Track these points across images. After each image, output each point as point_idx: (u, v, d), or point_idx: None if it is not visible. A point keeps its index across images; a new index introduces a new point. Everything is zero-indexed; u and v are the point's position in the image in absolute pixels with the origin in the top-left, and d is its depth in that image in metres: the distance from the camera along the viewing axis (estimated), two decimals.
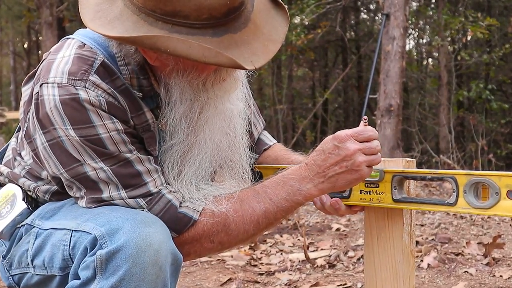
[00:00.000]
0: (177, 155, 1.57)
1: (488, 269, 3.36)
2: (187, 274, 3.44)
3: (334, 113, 18.67)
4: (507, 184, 1.43)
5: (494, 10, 15.05)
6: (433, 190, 6.62)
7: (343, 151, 1.47)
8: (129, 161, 1.49)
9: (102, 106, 1.46)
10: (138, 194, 1.49)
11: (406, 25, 8.56)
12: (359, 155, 1.48)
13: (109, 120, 1.47)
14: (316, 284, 3.15)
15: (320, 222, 4.80)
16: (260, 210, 1.51)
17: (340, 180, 1.50)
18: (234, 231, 1.51)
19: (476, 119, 11.96)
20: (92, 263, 1.38)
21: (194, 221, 1.50)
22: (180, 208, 1.50)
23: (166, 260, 1.39)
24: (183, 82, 1.50)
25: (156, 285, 1.37)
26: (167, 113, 1.55)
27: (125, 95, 1.51)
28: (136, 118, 1.53)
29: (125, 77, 1.52)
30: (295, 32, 12.15)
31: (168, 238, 1.41)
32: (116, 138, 1.47)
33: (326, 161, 1.49)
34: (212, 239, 1.51)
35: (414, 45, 18.60)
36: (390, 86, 8.25)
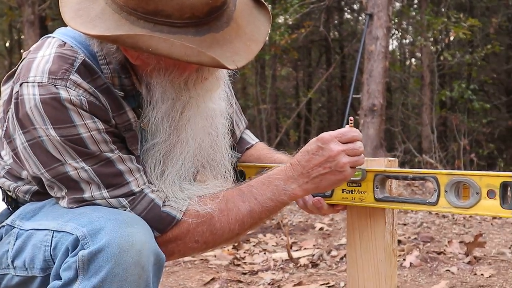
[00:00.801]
0: (160, 155, 1.56)
1: (470, 267, 3.39)
2: (170, 274, 3.43)
3: (317, 112, 18.71)
4: (488, 184, 1.44)
5: (476, 11, 15.17)
6: (416, 190, 6.66)
7: (326, 152, 1.48)
8: (111, 160, 1.47)
9: (83, 106, 1.45)
10: (120, 193, 1.48)
11: (389, 25, 8.60)
12: (343, 156, 1.48)
13: (90, 120, 1.45)
14: (299, 284, 3.16)
15: (303, 222, 4.81)
16: (246, 209, 1.51)
17: (324, 181, 1.50)
18: (219, 230, 1.51)
19: (458, 119, 12.04)
20: (74, 263, 1.37)
21: (178, 221, 1.50)
22: (163, 207, 1.50)
23: (149, 260, 1.38)
24: (165, 81, 1.49)
25: (139, 285, 1.37)
26: (149, 113, 1.54)
27: (106, 94, 1.50)
28: (118, 117, 1.52)
29: (106, 76, 1.51)
30: (279, 32, 12.16)
31: (150, 238, 1.40)
32: (97, 137, 1.46)
33: (310, 161, 1.49)
34: (196, 239, 1.50)
35: (397, 45, 18.69)
36: (373, 86, 8.29)
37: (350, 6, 18.52)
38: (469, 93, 12.15)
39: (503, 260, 3.53)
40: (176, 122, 1.54)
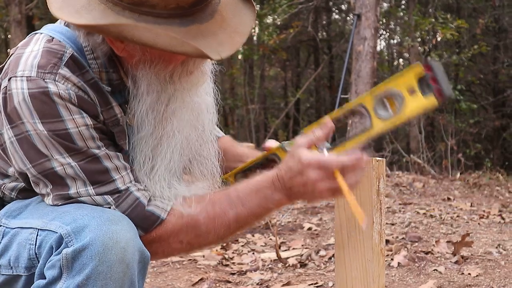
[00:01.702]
0: (148, 149, 1.55)
1: (457, 267, 3.40)
2: (159, 274, 3.42)
3: (306, 112, 18.75)
4: (405, 83, 1.43)
5: (463, 12, 15.26)
6: (404, 190, 6.69)
7: (305, 177, 1.45)
8: (97, 157, 1.47)
9: (71, 100, 1.44)
10: (105, 190, 1.47)
11: (377, 26, 8.63)
12: (321, 183, 1.45)
13: (78, 115, 1.44)
14: (288, 283, 3.16)
15: (292, 222, 4.82)
16: (232, 214, 1.51)
17: (307, 197, 1.50)
18: (204, 233, 1.50)
19: (446, 119, 12.11)
20: (58, 262, 1.36)
21: (162, 220, 1.49)
22: (148, 206, 1.49)
23: (133, 258, 1.37)
24: (150, 73, 1.49)
25: (123, 283, 1.36)
26: (135, 106, 1.53)
27: (94, 89, 1.49)
28: (106, 113, 1.52)
29: (94, 70, 1.51)
30: (267, 32, 12.17)
31: (135, 236, 1.40)
32: (85, 133, 1.45)
33: (292, 179, 1.48)
34: (181, 240, 1.50)
35: (385, 45, 18.77)
36: (361, 86, 8.31)
37: (338, 7, 18.57)
38: (456, 93, 12.21)
39: (490, 259, 3.56)
40: (161, 114, 1.53)
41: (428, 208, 5.35)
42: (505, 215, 5.15)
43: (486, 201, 6.22)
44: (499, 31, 14.91)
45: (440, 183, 7.49)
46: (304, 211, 5.24)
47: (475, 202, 6.03)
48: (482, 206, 5.78)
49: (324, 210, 5.27)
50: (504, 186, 7.53)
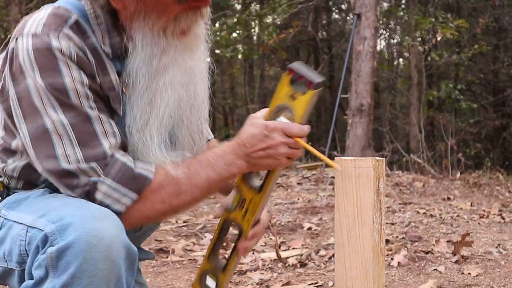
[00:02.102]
0: (144, 104, 1.58)
1: (457, 267, 3.40)
2: (159, 274, 3.42)
3: None
4: (284, 94, 1.55)
5: (463, 11, 15.26)
6: (404, 189, 6.69)
7: (269, 141, 1.54)
8: (89, 117, 1.48)
9: (71, 57, 1.48)
10: (92, 154, 1.47)
11: (377, 25, 8.63)
12: (283, 147, 1.55)
13: (76, 72, 1.48)
14: (288, 283, 3.16)
15: (292, 222, 4.81)
16: (204, 176, 1.55)
17: (261, 163, 1.57)
18: (183, 193, 1.53)
19: (446, 119, 12.12)
20: (43, 261, 1.36)
21: (150, 181, 1.50)
22: (136, 169, 1.50)
23: (119, 255, 1.37)
24: (144, 26, 1.55)
25: (109, 280, 1.35)
26: (130, 62, 1.58)
27: (94, 54, 1.54)
28: (102, 77, 1.55)
29: (97, 36, 1.56)
30: (267, 32, 12.18)
31: (120, 232, 1.39)
32: (81, 91, 1.48)
33: (254, 146, 1.55)
34: (163, 199, 1.52)
35: (385, 45, 18.77)
36: (361, 86, 8.32)
37: (338, 6, 18.57)
38: (456, 93, 12.23)
39: (490, 259, 3.56)
40: (154, 68, 1.58)
41: (428, 208, 5.35)
42: (505, 215, 5.15)
43: (486, 201, 6.23)
44: (499, 30, 14.92)
45: (440, 182, 7.49)
46: (304, 211, 5.24)
47: (475, 201, 6.03)
48: (482, 206, 5.78)
49: (324, 210, 5.27)
50: (504, 186, 7.53)
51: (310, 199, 5.90)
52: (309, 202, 5.71)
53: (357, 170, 1.67)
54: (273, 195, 6.24)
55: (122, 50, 1.59)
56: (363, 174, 1.66)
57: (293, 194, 6.32)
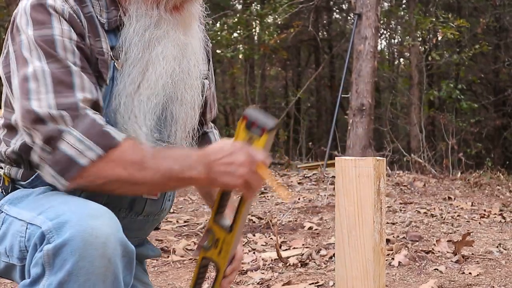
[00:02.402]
0: (136, 73, 1.61)
1: (458, 266, 3.41)
2: (159, 274, 3.42)
3: (307, 112, 18.74)
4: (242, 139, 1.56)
5: (464, 11, 15.26)
6: (404, 189, 6.69)
7: (234, 157, 1.51)
8: (70, 70, 1.50)
9: (64, 14, 1.54)
10: (64, 102, 1.47)
11: (377, 25, 8.63)
12: (244, 168, 1.51)
13: (67, 28, 1.54)
14: (288, 283, 3.16)
15: (293, 221, 4.82)
16: (168, 166, 1.52)
17: (220, 178, 1.53)
18: (146, 170, 1.50)
19: (447, 119, 12.11)
20: (40, 259, 1.36)
21: (118, 142, 1.48)
22: (105, 128, 1.49)
23: (115, 253, 1.37)
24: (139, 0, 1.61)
25: (106, 278, 1.36)
26: (124, 32, 1.62)
27: (89, 21, 1.59)
28: (93, 41, 1.59)
29: (95, 9, 1.61)
30: (268, 32, 12.18)
31: (117, 230, 1.39)
32: (68, 45, 1.52)
33: (218, 158, 1.53)
34: (125, 166, 1.49)
35: (385, 45, 18.77)
36: (362, 86, 8.32)
37: (338, 6, 18.57)
38: (457, 92, 12.22)
39: (491, 258, 3.56)
40: (147, 40, 1.61)
41: (428, 208, 5.35)
42: (506, 215, 5.16)
43: (487, 201, 6.23)
44: (500, 30, 14.91)
45: (440, 182, 7.49)
46: (305, 211, 5.25)
47: (476, 201, 6.03)
48: (483, 206, 5.78)
49: (325, 209, 5.28)
50: (505, 186, 7.53)
51: (310, 198, 5.91)
52: (310, 202, 5.72)
53: (357, 170, 1.68)
54: (274, 195, 6.25)
55: (118, 24, 1.63)
56: (364, 173, 1.67)
57: (294, 193, 6.32)
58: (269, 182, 1.54)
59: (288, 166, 10.00)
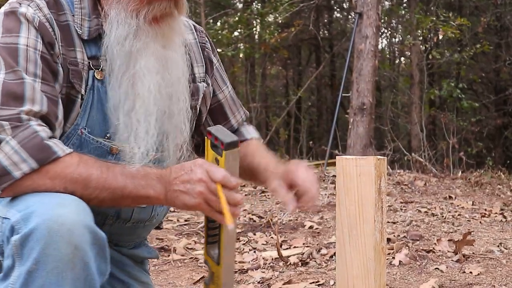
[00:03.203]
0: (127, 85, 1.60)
1: (458, 265, 3.40)
2: (160, 273, 3.42)
3: (307, 111, 18.74)
4: (211, 157, 1.52)
5: (465, 10, 15.25)
6: (405, 188, 6.69)
7: (191, 174, 1.48)
8: (24, 82, 1.49)
9: (34, 23, 1.54)
10: (7, 113, 1.45)
11: (378, 24, 8.62)
12: (201, 185, 1.47)
13: (34, 37, 1.53)
14: (289, 282, 3.16)
15: (293, 220, 4.82)
16: (122, 184, 1.49)
17: (178, 197, 1.50)
18: (90, 189, 1.47)
19: (447, 118, 12.10)
20: (10, 250, 1.36)
21: (57, 157, 1.45)
22: (46, 141, 1.46)
23: (83, 239, 1.35)
24: (120, 4, 1.60)
25: (75, 265, 1.34)
26: (105, 40, 1.61)
27: (63, 30, 1.59)
28: (65, 51, 1.58)
29: (75, 19, 1.61)
30: (269, 31, 12.17)
31: (84, 217, 1.38)
32: (31, 55, 1.52)
33: (177, 176, 1.50)
34: (66, 186, 1.45)
35: (386, 44, 18.76)
36: (363, 85, 8.31)
37: (339, 5, 18.56)
38: (458, 92, 12.21)
39: (492, 258, 3.56)
40: (127, 50, 1.60)
41: (429, 207, 5.35)
42: (506, 214, 5.15)
43: (487, 200, 6.22)
44: (501, 29, 14.90)
45: (441, 181, 7.48)
46: (305, 210, 5.24)
47: (476, 200, 6.03)
48: (484, 205, 5.78)
49: (325, 208, 5.28)
50: (506, 185, 7.53)
51: None
52: None
53: (358, 169, 1.67)
54: None
55: (99, 32, 1.62)
56: (365, 172, 1.66)
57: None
58: (222, 205, 1.46)
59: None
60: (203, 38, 1.93)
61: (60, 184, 1.45)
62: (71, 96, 1.59)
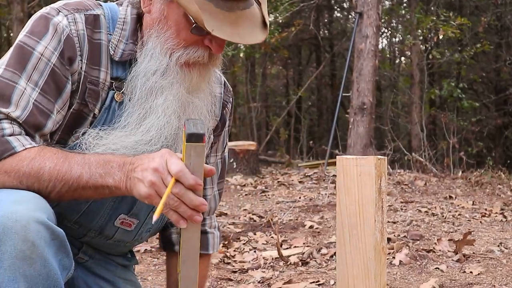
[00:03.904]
0: (137, 116, 1.59)
1: (459, 265, 3.40)
2: (161, 272, 3.42)
3: (307, 111, 18.75)
4: None
5: (465, 10, 15.25)
6: (405, 188, 6.69)
7: (151, 162, 1.40)
8: (16, 87, 1.48)
9: (61, 35, 1.54)
10: None
11: (379, 24, 8.62)
12: (153, 174, 1.38)
13: (52, 48, 1.53)
14: (289, 282, 3.16)
15: (294, 220, 4.82)
16: (76, 173, 1.46)
17: (135, 185, 1.42)
18: (44, 182, 1.46)
19: (448, 118, 12.10)
20: None
21: (14, 152, 1.45)
22: (7, 136, 1.46)
23: (39, 236, 1.33)
24: (158, 38, 1.58)
25: (33, 262, 1.33)
26: (134, 68, 1.60)
27: (93, 48, 1.58)
28: (88, 69, 1.58)
29: (114, 36, 1.61)
30: (269, 30, 12.15)
31: (40, 214, 1.36)
32: (41, 65, 1.52)
33: (140, 164, 1.43)
34: (20, 180, 1.45)
35: (386, 43, 18.76)
36: (363, 85, 8.31)
37: (340, 5, 18.57)
38: (458, 91, 12.21)
39: (492, 258, 3.56)
40: (150, 85, 1.59)
41: (429, 207, 5.35)
42: (507, 214, 5.15)
43: (488, 200, 6.22)
44: (501, 29, 14.91)
45: (441, 181, 7.48)
46: (305, 209, 5.25)
47: (477, 200, 6.02)
48: (484, 205, 5.78)
49: (325, 208, 5.28)
50: (506, 185, 7.53)
51: (311, 197, 5.90)
52: (311, 201, 5.72)
53: (359, 169, 1.67)
54: (275, 193, 6.24)
55: (130, 58, 1.62)
56: (365, 172, 1.66)
57: (295, 192, 6.32)
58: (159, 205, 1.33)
59: (289, 164, 10.00)
60: (228, 98, 1.92)
61: (15, 179, 1.45)
62: (83, 113, 1.59)
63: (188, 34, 1.55)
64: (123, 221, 1.70)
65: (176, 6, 1.54)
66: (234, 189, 6.68)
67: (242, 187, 6.77)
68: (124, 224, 1.71)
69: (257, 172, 7.90)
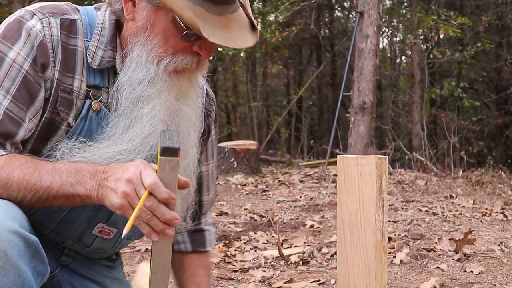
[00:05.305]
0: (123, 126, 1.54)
1: (459, 264, 3.41)
2: None
3: (308, 110, 18.75)
4: None
5: (466, 9, 15.25)
6: (406, 187, 6.69)
7: (124, 172, 1.37)
8: None
9: (34, 40, 1.49)
10: None
11: (379, 23, 8.62)
12: (126, 184, 1.34)
13: (24, 54, 1.48)
14: (290, 281, 3.16)
15: (294, 219, 4.82)
16: (46, 183, 1.43)
17: (107, 195, 1.39)
18: (14, 192, 1.43)
19: (448, 117, 12.09)
20: None
21: None
22: None
23: (11, 245, 1.32)
24: (144, 46, 1.52)
25: (7, 272, 1.31)
26: (120, 78, 1.55)
27: (67, 55, 1.52)
28: (61, 76, 1.52)
29: (92, 43, 1.55)
30: (270, 30, 12.16)
31: (11, 223, 1.34)
32: (13, 72, 1.47)
33: (114, 174, 1.39)
34: None
35: (387, 43, 18.76)
36: (363, 84, 8.31)
37: (340, 4, 18.57)
38: (458, 91, 12.21)
39: (493, 257, 3.56)
40: (137, 94, 1.54)
41: (430, 206, 5.35)
42: (507, 213, 5.15)
43: (488, 199, 6.22)
44: (502, 28, 14.90)
45: (442, 180, 7.48)
46: (306, 209, 5.25)
47: (477, 199, 6.02)
48: (485, 204, 5.78)
49: (326, 207, 5.28)
50: (507, 184, 7.53)
51: (312, 196, 5.90)
52: (311, 200, 5.72)
53: (359, 168, 1.68)
54: (275, 193, 6.25)
55: (109, 65, 1.57)
56: (366, 172, 1.66)
57: (295, 191, 6.32)
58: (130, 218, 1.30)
59: (289, 164, 10.00)
60: (211, 106, 1.85)
61: None
62: (55, 122, 1.54)
63: (177, 41, 1.50)
64: (101, 230, 1.67)
65: (164, 13, 1.49)
66: (235, 188, 6.68)
67: (243, 187, 6.77)
68: (102, 232, 1.67)
69: (258, 171, 7.90)
